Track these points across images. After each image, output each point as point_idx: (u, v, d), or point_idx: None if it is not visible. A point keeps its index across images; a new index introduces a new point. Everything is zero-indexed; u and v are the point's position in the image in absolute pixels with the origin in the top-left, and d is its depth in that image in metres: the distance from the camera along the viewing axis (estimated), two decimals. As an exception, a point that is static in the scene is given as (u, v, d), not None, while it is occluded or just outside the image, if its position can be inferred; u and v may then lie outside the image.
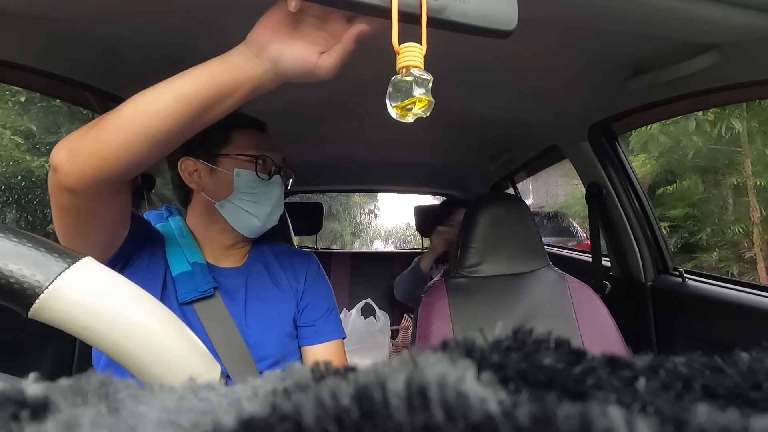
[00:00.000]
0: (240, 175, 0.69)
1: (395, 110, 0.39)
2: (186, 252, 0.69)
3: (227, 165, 0.69)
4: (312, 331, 0.76)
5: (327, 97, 1.08)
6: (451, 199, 1.94)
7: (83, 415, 0.11)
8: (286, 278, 0.77)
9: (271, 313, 0.72)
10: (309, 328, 0.76)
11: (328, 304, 0.80)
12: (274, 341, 0.71)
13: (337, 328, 0.79)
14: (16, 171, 4.09)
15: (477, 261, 1.02)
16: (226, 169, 0.69)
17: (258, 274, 0.75)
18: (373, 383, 0.10)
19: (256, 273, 0.75)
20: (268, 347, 0.70)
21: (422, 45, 0.37)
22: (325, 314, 0.78)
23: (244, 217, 0.70)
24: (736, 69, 0.73)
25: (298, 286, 0.78)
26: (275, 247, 0.83)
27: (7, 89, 3.83)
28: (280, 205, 0.73)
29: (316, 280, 0.81)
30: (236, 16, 0.71)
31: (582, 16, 0.64)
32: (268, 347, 0.70)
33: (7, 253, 0.24)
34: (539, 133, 1.31)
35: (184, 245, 0.70)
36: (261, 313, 0.71)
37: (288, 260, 0.80)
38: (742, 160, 4.79)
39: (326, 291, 0.81)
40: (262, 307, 0.71)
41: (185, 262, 0.67)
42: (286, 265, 0.79)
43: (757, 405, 0.10)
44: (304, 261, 0.82)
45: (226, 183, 0.69)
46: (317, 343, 0.76)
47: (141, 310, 0.28)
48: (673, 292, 1.09)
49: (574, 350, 0.12)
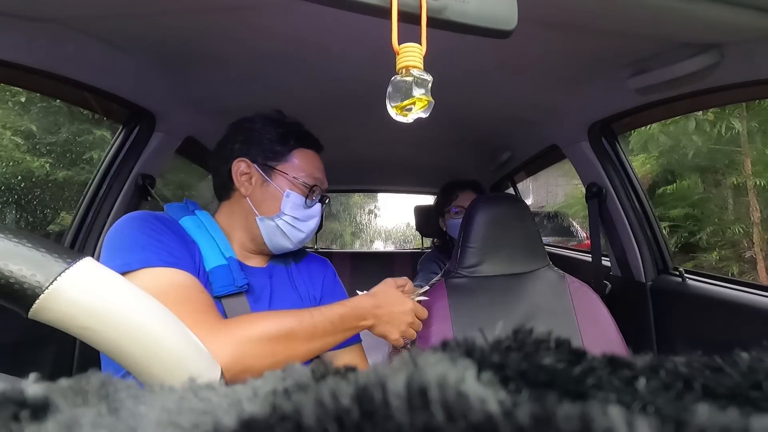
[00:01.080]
0: (290, 196, 0.70)
1: (395, 110, 0.39)
2: (221, 245, 0.68)
3: (280, 182, 0.70)
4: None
5: (327, 97, 1.08)
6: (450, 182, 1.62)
7: (83, 415, 0.11)
8: (303, 282, 0.78)
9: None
10: None
11: None
12: None
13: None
14: (16, 171, 4.09)
15: (477, 261, 1.02)
16: (279, 185, 0.70)
17: (280, 276, 0.76)
18: (373, 383, 0.10)
19: (278, 274, 0.76)
20: None
21: (422, 45, 0.37)
22: None
23: (280, 238, 0.71)
24: (736, 69, 0.73)
25: (315, 293, 0.78)
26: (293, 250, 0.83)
27: (7, 89, 3.83)
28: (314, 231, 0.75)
29: (333, 288, 0.82)
30: (236, 16, 0.71)
31: (582, 16, 0.64)
32: None
33: (7, 254, 0.24)
34: (539, 133, 1.31)
35: (218, 238, 0.69)
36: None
37: (305, 264, 0.81)
38: (742, 160, 4.78)
39: (344, 297, 0.82)
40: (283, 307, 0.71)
41: (221, 256, 0.66)
42: (303, 269, 0.80)
43: (757, 405, 0.10)
44: (320, 267, 0.82)
45: (274, 199, 0.70)
46: (343, 348, 0.77)
47: (141, 311, 0.28)
48: (673, 292, 1.09)
49: (574, 350, 0.12)
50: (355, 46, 0.80)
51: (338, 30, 0.75)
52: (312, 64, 0.89)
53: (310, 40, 0.79)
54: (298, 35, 0.77)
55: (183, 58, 0.85)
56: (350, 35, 0.76)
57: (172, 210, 0.71)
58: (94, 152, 4.06)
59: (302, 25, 0.73)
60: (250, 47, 0.82)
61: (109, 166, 1.04)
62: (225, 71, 0.92)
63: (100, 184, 1.04)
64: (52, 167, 4.03)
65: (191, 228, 0.68)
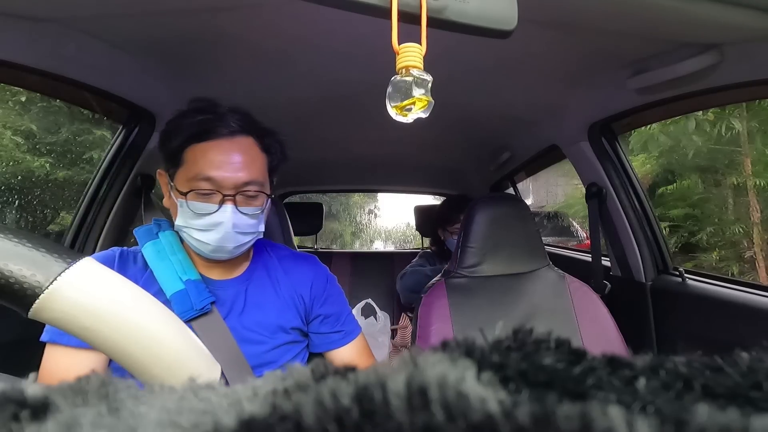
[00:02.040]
0: (183, 206, 0.62)
1: (395, 110, 0.39)
2: (178, 269, 0.65)
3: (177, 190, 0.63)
4: (338, 337, 0.77)
5: (327, 97, 1.08)
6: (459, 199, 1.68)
7: (83, 415, 0.11)
8: (289, 284, 0.75)
9: (269, 321, 0.70)
10: (335, 334, 0.77)
11: (344, 306, 0.80)
12: (274, 350, 0.70)
13: (355, 324, 0.80)
14: (16, 171, 4.09)
15: (477, 261, 1.02)
16: (175, 195, 0.64)
17: (260, 283, 0.73)
18: (373, 383, 0.10)
19: (257, 279, 0.73)
20: (269, 355, 0.69)
21: (422, 45, 0.37)
22: (345, 316, 0.79)
23: (199, 245, 0.64)
24: (736, 69, 0.73)
25: (303, 294, 0.75)
26: (279, 251, 0.80)
27: (7, 89, 3.82)
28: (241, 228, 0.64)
29: (326, 287, 0.78)
30: (236, 16, 0.71)
31: (582, 16, 0.64)
32: (269, 355, 0.69)
33: (7, 253, 0.24)
34: (539, 133, 1.31)
35: (176, 262, 0.65)
36: (260, 322, 0.69)
37: (292, 265, 0.77)
38: (742, 160, 4.78)
39: (338, 294, 0.81)
40: (260, 317, 0.69)
41: (178, 281, 0.64)
42: (290, 271, 0.76)
43: (757, 405, 0.10)
44: (309, 268, 0.79)
45: (175, 207, 0.64)
46: (344, 345, 0.77)
47: (141, 311, 0.28)
48: (673, 291, 1.09)
49: (574, 350, 0.12)
50: (355, 46, 0.80)
51: (338, 30, 0.75)
52: (312, 64, 0.89)
53: (310, 40, 0.79)
54: (298, 35, 0.77)
55: (183, 58, 0.85)
56: (350, 35, 0.76)
57: (140, 235, 0.69)
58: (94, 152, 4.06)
59: (302, 25, 0.73)
60: (251, 47, 0.82)
61: (109, 166, 1.04)
62: (225, 71, 0.92)
63: (100, 184, 1.04)
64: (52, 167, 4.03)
65: (151, 256, 0.66)
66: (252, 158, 0.65)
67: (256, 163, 0.66)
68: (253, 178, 0.64)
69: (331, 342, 0.77)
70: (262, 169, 0.67)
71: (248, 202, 0.65)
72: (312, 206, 2.35)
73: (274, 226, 1.28)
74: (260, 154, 0.68)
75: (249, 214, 0.64)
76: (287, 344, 0.72)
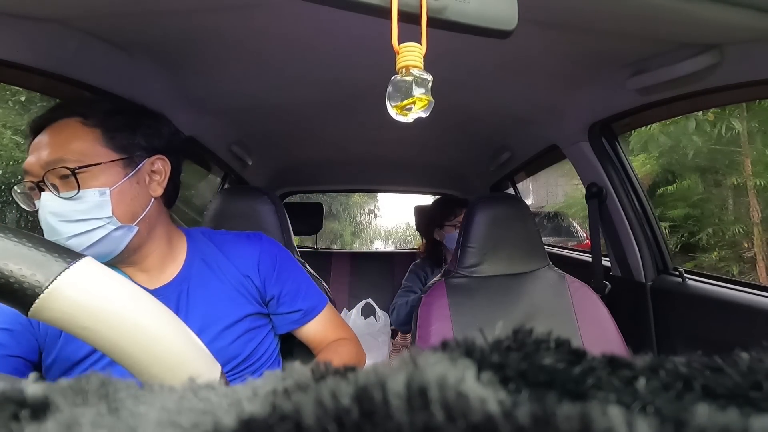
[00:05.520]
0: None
1: (395, 110, 0.39)
2: None
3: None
4: (298, 316, 0.74)
5: (327, 97, 1.08)
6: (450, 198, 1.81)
7: (83, 415, 0.11)
8: (233, 269, 0.70)
9: (219, 315, 0.66)
10: (294, 314, 0.74)
11: (301, 280, 0.76)
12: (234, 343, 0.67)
13: (319, 296, 0.77)
14: (16, 171, 4.09)
15: (477, 261, 1.02)
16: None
17: (200, 276, 0.68)
18: (373, 383, 0.10)
19: (197, 276, 0.68)
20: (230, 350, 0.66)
21: (422, 45, 0.37)
22: (304, 291, 0.76)
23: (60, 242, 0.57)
24: (736, 69, 0.73)
25: (251, 275, 0.71)
26: (217, 236, 0.74)
27: (7, 89, 3.82)
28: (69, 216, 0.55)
29: (275, 264, 0.74)
30: (236, 16, 0.71)
31: (582, 16, 0.64)
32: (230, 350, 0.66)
33: (7, 253, 0.24)
34: (539, 133, 1.31)
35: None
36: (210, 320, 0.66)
37: (233, 248, 0.73)
38: (742, 160, 4.79)
39: (292, 268, 0.76)
40: (208, 313, 0.66)
41: None
42: (231, 254, 0.72)
43: (757, 405, 0.10)
44: (253, 247, 0.74)
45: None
46: (310, 321, 0.75)
47: (141, 310, 0.28)
48: (673, 292, 1.09)
49: (574, 350, 0.12)
50: (355, 45, 0.80)
51: (338, 30, 0.75)
52: (312, 63, 0.89)
53: (310, 40, 0.79)
54: (298, 35, 0.77)
55: (183, 58, 0.85)
56: (350, 35, 0.76)
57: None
58: (94, 152, 4.05)
59: (302, 24, 0.73)
60: (251, 47, 0.82)
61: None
62: (225, 71, 0.92)
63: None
64: (52, 167, 4.02)
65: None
66: (66, 137, 0.57)
67: (73, 141, 0.57)
68: (59, 156, 0.55)
69: (292, 322, 0.74)
70: (84, 146, 0.57)
71: (65, 185, 0.56)
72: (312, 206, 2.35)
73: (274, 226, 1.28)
74: (85, 129, 0.59)
75: (66, 198, 0.55)
76: (247, 333, 0.68)
